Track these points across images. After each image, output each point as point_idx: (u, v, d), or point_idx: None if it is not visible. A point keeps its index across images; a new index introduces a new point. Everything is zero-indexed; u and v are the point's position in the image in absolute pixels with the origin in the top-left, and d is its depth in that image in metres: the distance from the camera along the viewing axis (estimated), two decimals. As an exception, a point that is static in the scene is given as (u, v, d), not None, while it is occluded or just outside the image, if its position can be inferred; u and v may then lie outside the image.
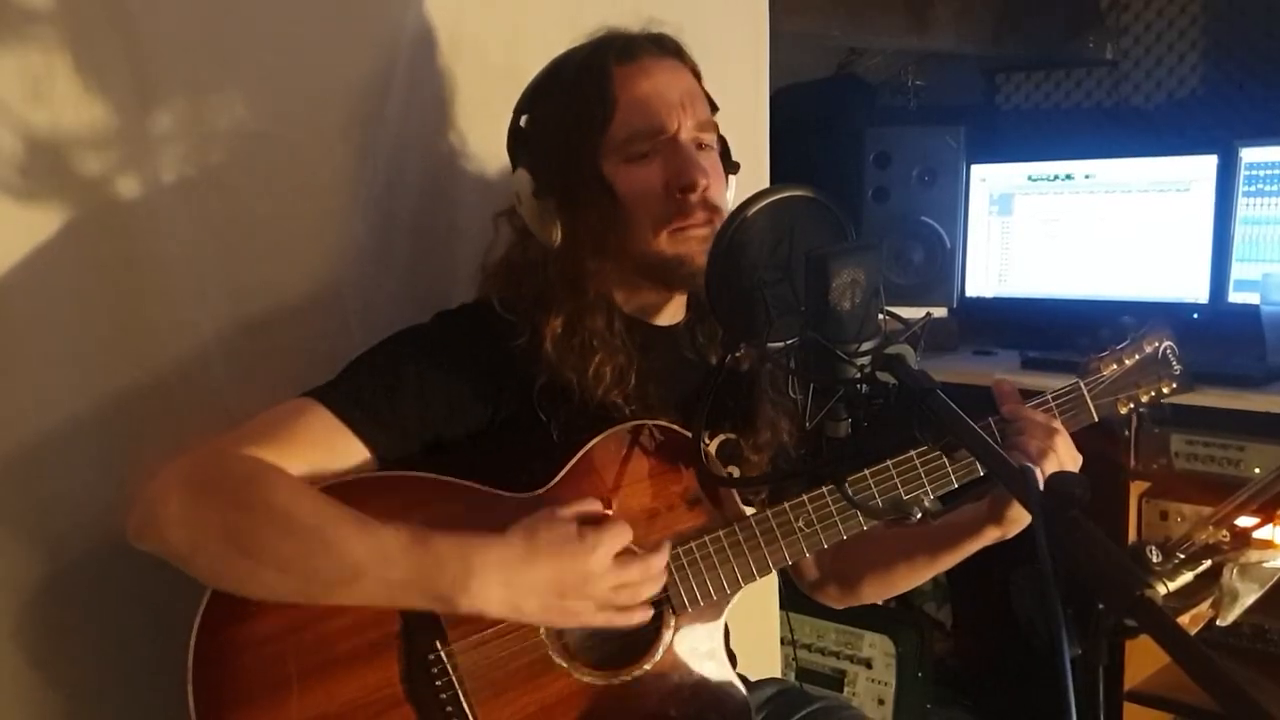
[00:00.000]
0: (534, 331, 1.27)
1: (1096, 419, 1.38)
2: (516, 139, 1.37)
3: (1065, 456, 1.25)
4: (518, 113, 1.37)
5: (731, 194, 1.36)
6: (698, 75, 1.36)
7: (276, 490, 1.11)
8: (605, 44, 1.31)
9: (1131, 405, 1.41)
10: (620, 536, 1.16)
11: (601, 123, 1.27)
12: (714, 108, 1.36)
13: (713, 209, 1.28)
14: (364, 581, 1.08)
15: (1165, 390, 1.42)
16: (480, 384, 1.26)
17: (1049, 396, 1.36)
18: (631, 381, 1.29)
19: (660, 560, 1.19)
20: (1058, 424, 1.28)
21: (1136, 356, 1.41)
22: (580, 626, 1.18)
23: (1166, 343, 1.42)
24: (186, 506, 1.11)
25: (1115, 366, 1.40)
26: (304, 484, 1.14)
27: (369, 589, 1.09)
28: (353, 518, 1.10)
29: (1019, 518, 1.29)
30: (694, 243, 1.27)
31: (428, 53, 1.55)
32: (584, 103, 1.28)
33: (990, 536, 1.33)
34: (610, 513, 1.22)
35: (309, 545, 1.09)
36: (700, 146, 1.31)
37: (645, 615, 1.19)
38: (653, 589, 1.19)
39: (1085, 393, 1.38)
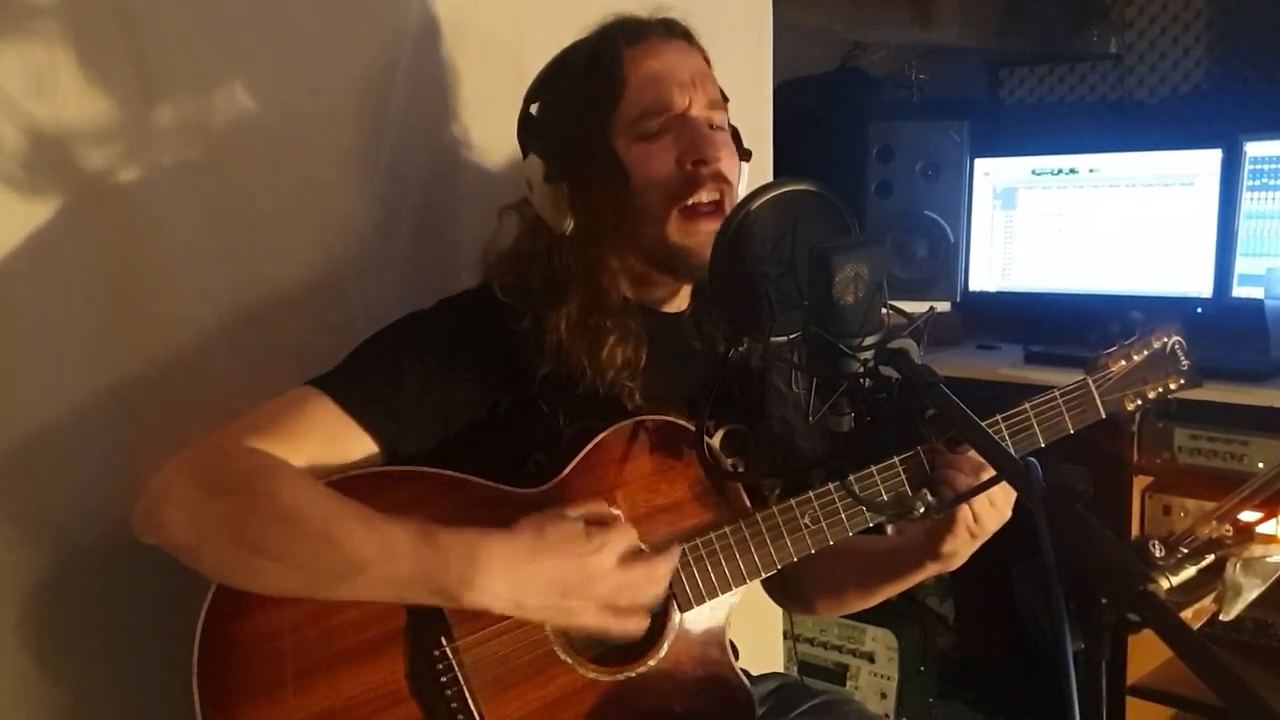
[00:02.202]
0: (537, 318, 1.27)
1: (1104, 415, 1.37)
2: (527, 127, 1.36)
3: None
4: (528, 101, 1.37)
5: (743, 184, 1.35)
6: (707, 61, 1.36)
7: (280, 485, 1.11)
8: (613, 29, 1.32)
9: (1139, 401, 1.39)
10: (625, 537, 1.16)
11: (611, 102, 1.27)
12: (724, 98, 1.35)
13: (725, 183, 1.28)
14: (369, 577, 1.09)
15: (1173, 386, 1.40)
16: (482, 369, 1.26)
17: (1056, 393, 1.35)
18: (639, 368, 1.29)
19: (667, 564, 1.19)
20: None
21: (1145, 352, 1.39)
22: (579, 627, 1.18)
23: (1175, 338, 1.40)
24: (190, 502, 1.11)
25: (1124, 363, 1.38)
26: (308, 477, 1.14)
27: (374, 584, 1.09)
28: (358, 513, 1.10)
29: (956, 553, 1.31)
30: (703, 236, 1.26)
31: (432, 45, 1.55)
32: (593, 85, 1.28)
33: (931, 570, 1.35)
34: (618, 513, 1.21)
35: (314, 541, 1.09)
36: (712, 126, 1.31)
37: (642, 625, 1.18)
38: (655, 592, 1.18)
39: (1093, 389, 1.36)
